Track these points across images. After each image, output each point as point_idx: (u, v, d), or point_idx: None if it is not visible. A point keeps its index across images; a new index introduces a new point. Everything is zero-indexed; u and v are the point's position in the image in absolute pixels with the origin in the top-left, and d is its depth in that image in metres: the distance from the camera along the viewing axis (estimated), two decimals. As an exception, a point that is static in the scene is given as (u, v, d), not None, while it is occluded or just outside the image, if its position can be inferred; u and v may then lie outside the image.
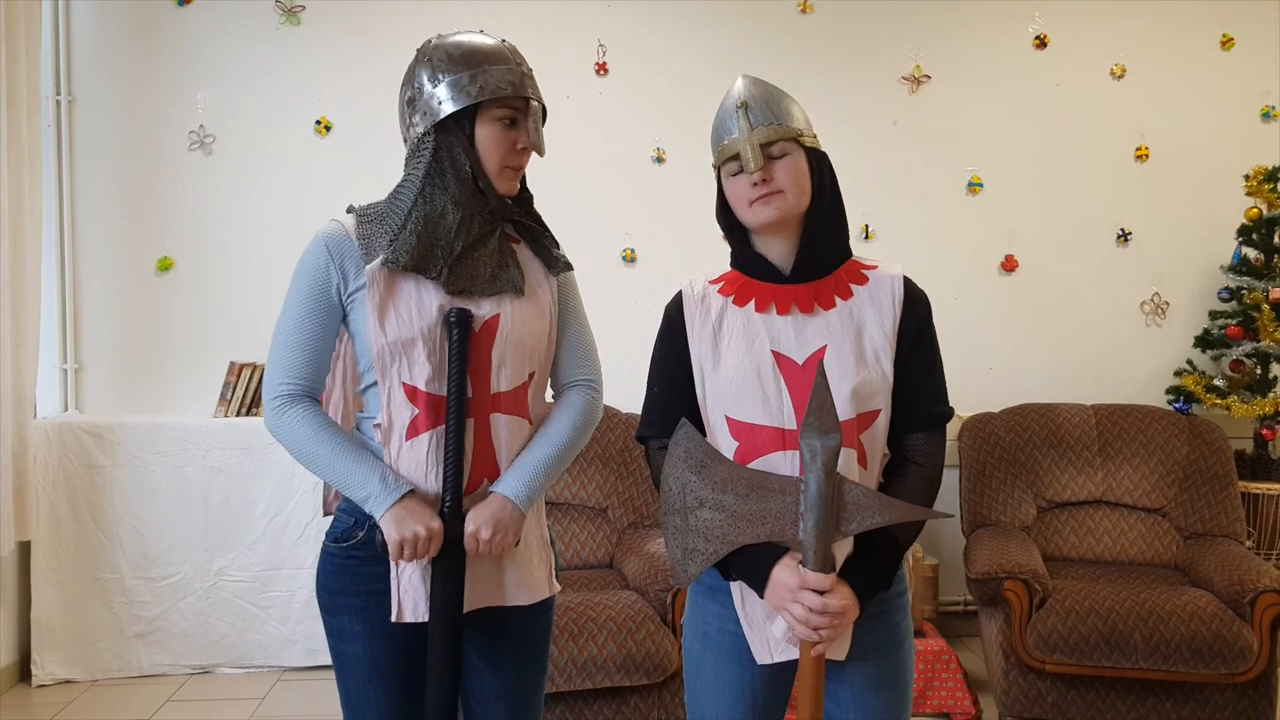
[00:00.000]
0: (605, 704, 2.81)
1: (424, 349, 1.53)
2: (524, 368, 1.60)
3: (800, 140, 1.47)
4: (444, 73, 1.54)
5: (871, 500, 1.33)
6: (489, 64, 1.54)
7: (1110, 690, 2.90)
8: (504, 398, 1.58)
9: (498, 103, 1.54)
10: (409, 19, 3.75)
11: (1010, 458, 3.50)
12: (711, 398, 1.48)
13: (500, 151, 1.55)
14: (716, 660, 1.52)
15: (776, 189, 1.45)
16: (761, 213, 1.45)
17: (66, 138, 3.73)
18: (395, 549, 1.49)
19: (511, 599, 1.61)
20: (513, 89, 1.54)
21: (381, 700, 1.61)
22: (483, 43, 1.58)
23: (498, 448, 1.57)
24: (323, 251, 1.57)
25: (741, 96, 1.48)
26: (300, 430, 1.54)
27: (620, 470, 3.47)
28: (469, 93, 1.52)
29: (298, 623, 3.56)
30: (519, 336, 1.58)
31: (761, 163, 1.44)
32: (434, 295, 1.54)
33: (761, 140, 1.44)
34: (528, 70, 1.59)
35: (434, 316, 1.54)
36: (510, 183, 1.59)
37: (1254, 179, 3.71)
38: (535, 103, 1.57)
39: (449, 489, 1.53)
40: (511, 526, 1.55)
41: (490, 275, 1.57)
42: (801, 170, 1.46)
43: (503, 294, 1.58)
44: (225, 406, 3.68)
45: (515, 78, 1.55)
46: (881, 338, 1.46)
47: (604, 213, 3.93)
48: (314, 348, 1.57)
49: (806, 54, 3.98)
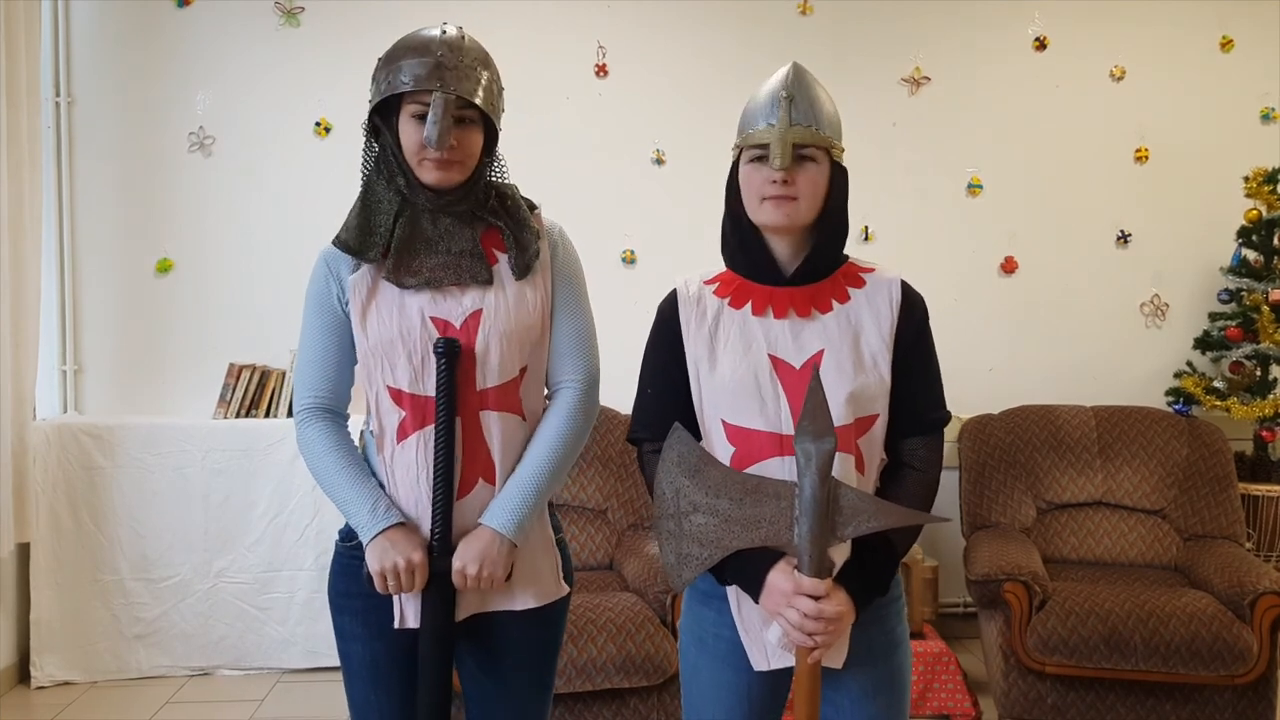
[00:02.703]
0: (605, 705, 2.81)
1: (403, 350, 1.53)
2: (512, 362, 1.57)
3: (830, 151, 1.44)
4: (380, 69, 1.57)
5: (867, 505, 1.32)
6: (407, 57, 1.53)
7: (1110, 692, 2.90)
8: (492, 394, 1.55)
9: (410, 96, 1.53)
10: (409, 20, 3.68)
11: (1010, 459, 3.50)
12: (708, 402, 1.46)
13: (411, 146, 1.54)
14: (712, 665, 1.51)
15: (793, 195, 1.41)
16: (772, 214, 1.43)
17: (66, 139, 3.73)
18: (378, 580, 1.49)
19: (519, 603, 1.59)
20: (415, 82, 1.50)
21: (383, 702, 1.61)
22: (418, 36, 1.57)
23: (491, 446, 1.55)
24: (322, 265, 1.61)
25: (789, 87, 1.43)
26: (314, 449, 1.58)
27: (620, 472, 3.47)
28: (380, 88, 1.55)
29: (297, 624, 3.56)
30: (504, 329, 1.55)
31: (789, 163, 1.40)
32: (414, 298, 1.55)
33: (796, 140, 1.40)
34: (453, 62, 1.52)
35: (414, 319, 1.54)
36: (433, 174, 1.54)
37: (1253, 180, 3.71)
38: (439, 94, 1.49)
39: (438, 521, 1.52)
40: (501, 561, 1.52)
41: (447, 267, 1.55)
42: (822, 182, 1.44)
43: (484, 287, 1.56)
44: (225, 408, 3.68)
45: (424, 70, 1.51)
46: (879, 342, 1.44)
47: (604, 214, 3.93)
48: (329, 361, 1.60)
49: (806, 55, 3.90)
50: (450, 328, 1.55)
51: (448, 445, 1.51)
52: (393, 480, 1.57)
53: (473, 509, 1.56)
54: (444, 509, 1.52)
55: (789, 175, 1.41)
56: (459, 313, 1.55)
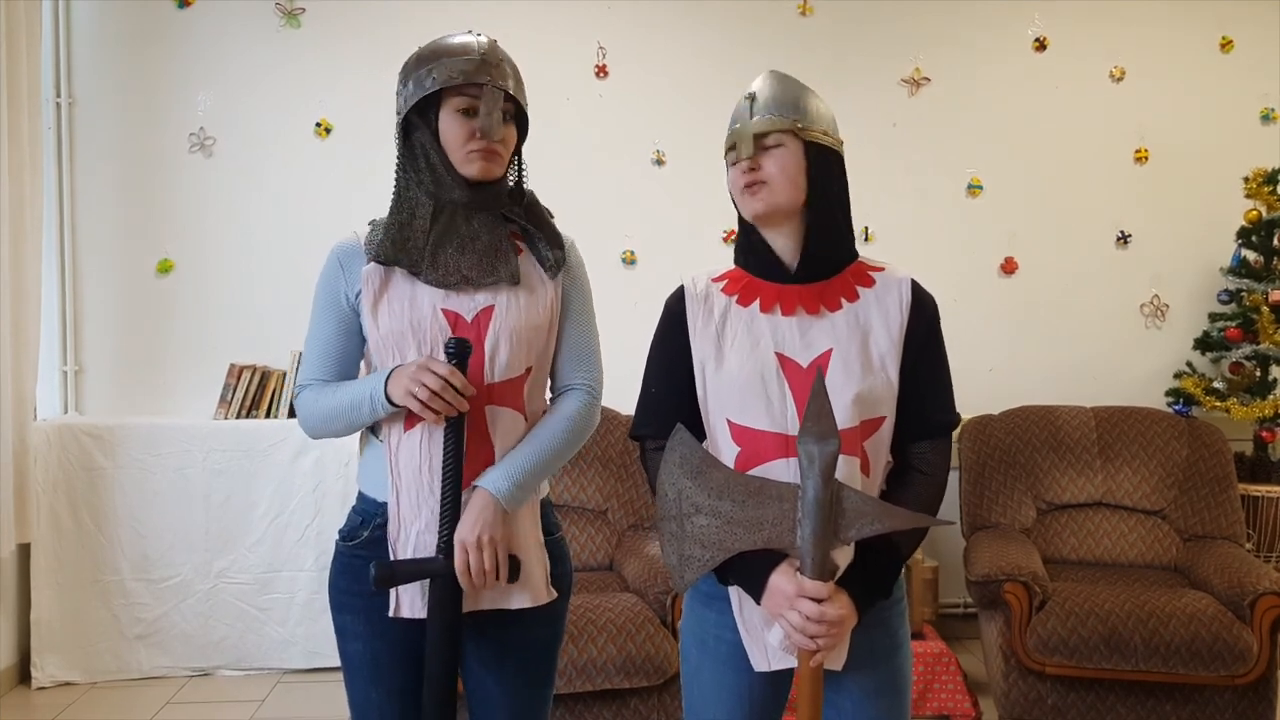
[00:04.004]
0: (605, 706, 2.81)
1: (413, 340, 1.55)
2: (519, 360, 1.59)
3: (798, 133, 1.45)
4: (411, 72, 1.59)
5: (870, 507, 1.31)
6: (447, 57, 1.57)
7: (1110, 692, 2.90)
8: (498, 389, 1.57)
9: (455, 91, 1.55)
10: (409, 21, 3.75)
11: (1010, 460, 3.50)
12: (713, 400, 1.46)
13: (458, 139, 1.57)
14: (714, 667, 1.51)
15: (762, 179, 1.44)
16: (750, 203, 1.46)
17: (67, 140, 3.73)
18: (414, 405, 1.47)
19: (515, 601, 1.59)
20: (464, 76, 1.54)
21: (383, 701, 1.61)
22: (452, 39, 1.60)
23: (494, 440, 1.57)
24: (334, 261, 1.64)
25: (752, 88, 1.48)
26: (307, 402, 1.62)
27: (620, 473, 3.47)
28: (424, 85, 1.56)
29: (298, 625, 3.56)
30: (513, 326, 1.58)
31: (752, 151, 1.44)
32: (426, 291, 1.57)
33: (757, 130, 1.44)
34: (495, 59, 1.58)
35: (425, 311, 1.56)
36: (476, 165, 1.57)
37: (1253, 181, 3.71)
38: (491, 87, 1.55)
39: (446, 519, 1.52)
40: (495, 523, 1.51)
41: (480, 266, 1.57)
42: (792, 163, 1.44)
43: (499, 285, 1.58)
44: (225, 408, 3.68)
45: (470, 66, 1.55)
46: (888, 342, 1.44)
47: (604, 214, 3.93)
48: (333, 353, 1.63)
49: (806, 56, 3.98)
50: (461, 320, 1.56)
51: (456, 446, 1.52)
52: (396, 468, 1.57)
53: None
54: (452, 507, 1.52)
55: (754, 162, 1.45)
56: (471, 307, 1.57)
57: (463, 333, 1.55)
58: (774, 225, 1.48)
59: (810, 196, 1.45)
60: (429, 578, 1.53)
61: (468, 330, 1.56)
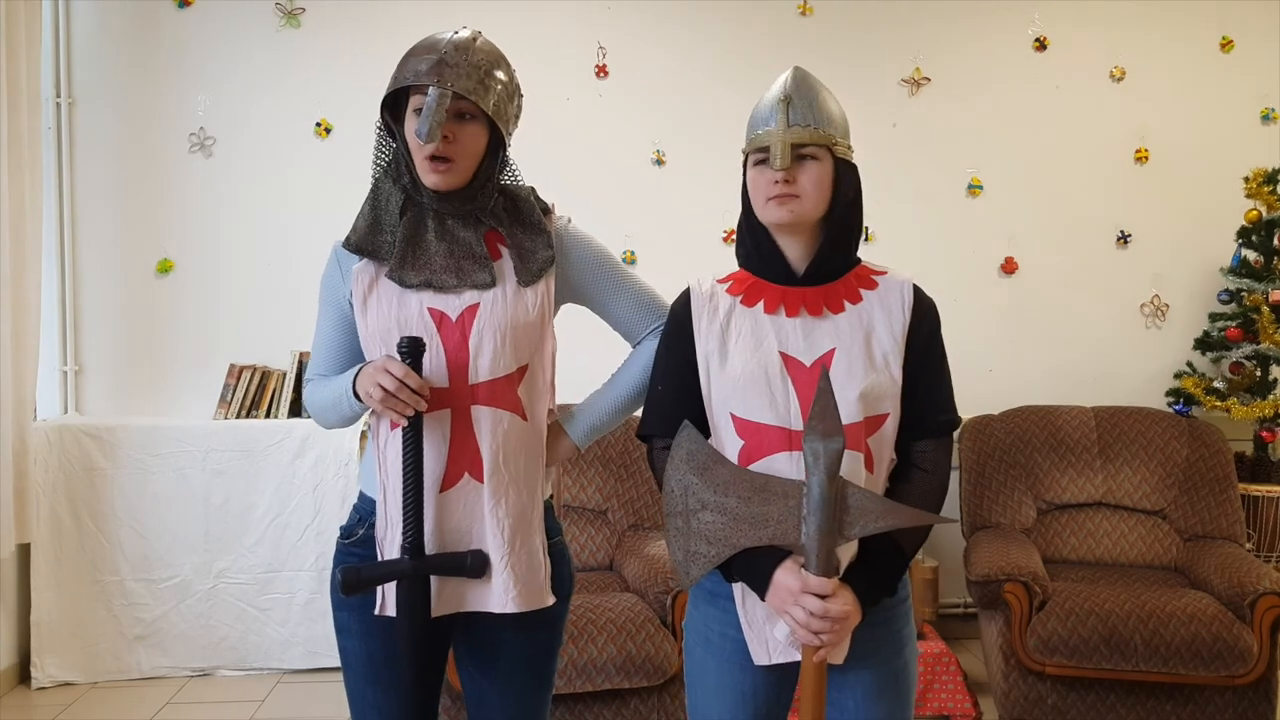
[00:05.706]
0: (605, 706, 2.81)
1: (399, 337, 1.55)
2: (507, 358, 1.56)
3: (833, 149, 1.46)
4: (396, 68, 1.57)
5: (875, 504, 1.33)
6: (413, 55, 1.54)
7: (1110, 692, 2.90)
8: (483, 388, 1.54)
9: (415, 90, 1.52)
10: (409, 21, 3.75)
11: (1010, 460, 3.51)
12: (717, 396, 1.47)
13: (413, 142, 1.54)
14: (718, 665, 1.51)
15: (795, 193, 1.44)
16: (776, 212, 1.45)
17: (67, 140, 3.73)
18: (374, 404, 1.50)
19: (495, 604, 1.56)
20: (415, 77, 1.49)
21: (380, 698, 1.61)
22: (431, 36, 1.57)
23: (480, 441, 1.54)
24: (333, 261, 1.66)
25: (787, 90, 1.47)
26: (309, 394, 1.68)
27: (620, 472, 3.47)
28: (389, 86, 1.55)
29: (298, 625, 3.56)
30: (498, 324, 1.55)
31: (789, 162, 1.43)
32: (413, 291, 1.57)
33: (795, 140, 1.44)
34: (455, 60, 1.50)
35: (411, 309, 1.56)
36: (430, 176, 1.53)
37: (1253, 181, 3.72)
38: (434, 88, 1.47)
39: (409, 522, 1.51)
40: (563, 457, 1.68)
41: (449, 269, 1.56)
42: (826, 178, 1.46)
43: (483, 289, 1.58)
44: (225, 408, 3.68)
45: (424, 65, 1.49)
46: (891, 342, 1.46)
47: (604, 215, 3.91)
48: (335, 348, 1.67)
49: (806, 56, 3.95)
50: (446, 319, 1.55)
51: (415, 446, 1.50)
52: (384, 466, 1.57)
53: (457, 503, 1.55)
54: (414, 510, 1.51)
55: (790, 174, 1.44)
56: (456, 305, 1.56)
57: (448, 331, 1.54)
58: (792, 233, 1.49)
59: (830, 208, 1.47)
60: (394, 580, 1.53)
61: (453, 329, 1.55)
